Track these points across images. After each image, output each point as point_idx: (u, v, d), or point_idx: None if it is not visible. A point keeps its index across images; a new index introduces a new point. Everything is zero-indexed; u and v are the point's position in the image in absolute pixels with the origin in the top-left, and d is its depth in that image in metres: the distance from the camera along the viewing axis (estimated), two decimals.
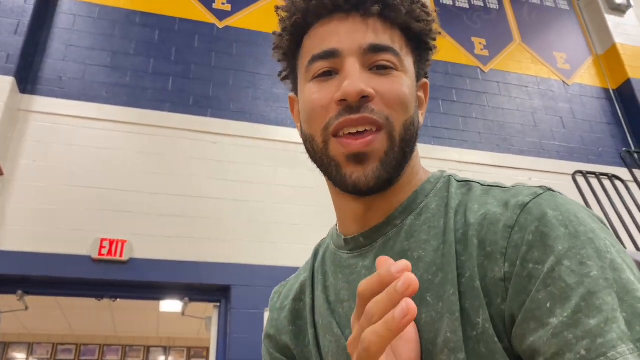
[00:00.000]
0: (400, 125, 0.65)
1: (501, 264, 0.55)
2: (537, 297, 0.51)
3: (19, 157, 3.57)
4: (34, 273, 3.30)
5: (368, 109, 0.63)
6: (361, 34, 0.67)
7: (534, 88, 5.39)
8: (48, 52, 4.01)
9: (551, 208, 0.56)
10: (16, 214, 3.39)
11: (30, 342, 7.58)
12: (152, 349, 7.98)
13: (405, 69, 0.68)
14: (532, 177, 4.69)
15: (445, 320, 0.57)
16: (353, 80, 0.63)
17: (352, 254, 0.71)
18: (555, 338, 0.48)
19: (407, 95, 0.66)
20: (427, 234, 0.64)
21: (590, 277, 0.50)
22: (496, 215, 0.58)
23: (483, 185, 0.67)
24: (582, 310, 0.48)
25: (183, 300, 3.76)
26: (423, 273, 0.61)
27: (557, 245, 0.52)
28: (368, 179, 0.64)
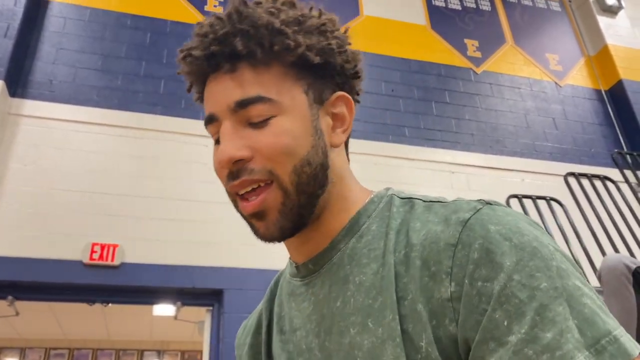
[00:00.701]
0: (288, 175, 0.63)
1: (447, 283, 0.54)
2: (494, 317, 0.51)
3: (9, 161, 3.54)
4: (24, 278, 3.27)
5: (247, 171, 0.63)
6: (228, 91, 0.65)
7: (527, 89, 5.40)
8: (38, 55, 3.99)
9: (492, 223, 0.56)
10: (6, 219, 3.36)
11: (23, 346, 7.52)
12: (146, 353, 7.94)
13: (286, 109, 0.65)
14: (524, 179, 4.70)
15: (387, 346, 0.56)
16: (222, 149, 0.63)
17: (303, 281, 0.71)
18: (517, 356, 0.48)
19: (288, 143, 0.63)
20: (368, 257, 0.63)
21: (541, 290, 0.50)
22: (437, 234, 0.58)
23: (425, 201, 0.66)
24: (538, 324, 0.49)
25: (176, 304, 3.74)
26: (364, 298, 0.61)
27: (504, 261, 0.52)
28: (271, 231, 0.65)
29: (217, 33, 0.64)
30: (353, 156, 3.38)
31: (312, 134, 0.66)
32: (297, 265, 0.72)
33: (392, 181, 4.31)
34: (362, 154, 4.37)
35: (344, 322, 0.62)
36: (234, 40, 0.64)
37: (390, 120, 4.69)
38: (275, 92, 0.65)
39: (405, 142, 4.61)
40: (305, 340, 0.68)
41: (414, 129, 4.71)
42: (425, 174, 4.46)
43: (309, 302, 0.69)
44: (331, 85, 0.71)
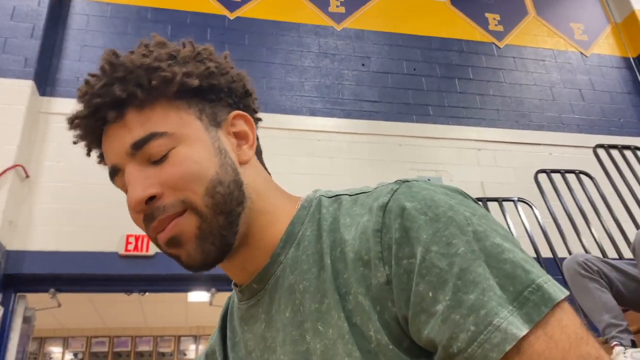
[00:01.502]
0: (201, 198, 0.62)
1: (381, 268, 0.55)
2: (419, 290, 0.52)
3: (42, 159, 3.65)
4: (64, 271, 3.39)
5: (159, 210, 0.62)
6: (121, 138, 0.64)
7: (551, 61, 5.30)
8: (64, 53, 4.07)
9: (408, 200, 0.57)
10: (44, 215, 3.48)
11: (66, 336, 7.80)
12: (183, 339, 8.15)
13: (182, 137, 0.64)
14: (552, 153, 4.64)
15: (338, 345, 0.56)
16: (130, 193, 0.62)
17: (250, 303, 0.70)
18: (445, 323, 0.50)
19: (192, 168, 0.62)
20: (307, 262, 0.63)
21: (459, 255, 0.51)
22: (364, 224, 0.59)
23: (351, 195, 0.66)
24: (460, 289, 0.50)
25: (210, 290, 3.83)
26: (311, 303, 0.61)
27: (421, 235, 0.53)
28: (194, 258, 0.63)
29: (95, 87, 0.64)
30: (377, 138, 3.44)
31: (216, 155, 0.66)
32: (242, 289, 0.71)
33: (418, 161, 4.31)
34: (386, 135, 4.37)
35: (297, 331, 0.62)
36: (112, 88, 0.63)
37: (413, 100, 4.66)
38: (166, 125, 0.64)
39: (430, 121, 4.58)
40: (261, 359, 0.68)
41: (438, 108, 4.68)
42: (451, 152, 4.44)
43: (261, 321, 0.68)
44: (224, 107, 0.71)
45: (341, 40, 4.85)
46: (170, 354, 8.00)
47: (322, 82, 4.56)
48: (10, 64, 3.71)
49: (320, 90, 4.51)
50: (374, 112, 4.50)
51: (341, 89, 4.57)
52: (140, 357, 7.89)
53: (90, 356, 7.78)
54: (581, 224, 3.30)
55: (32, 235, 3.40)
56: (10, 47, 3.79)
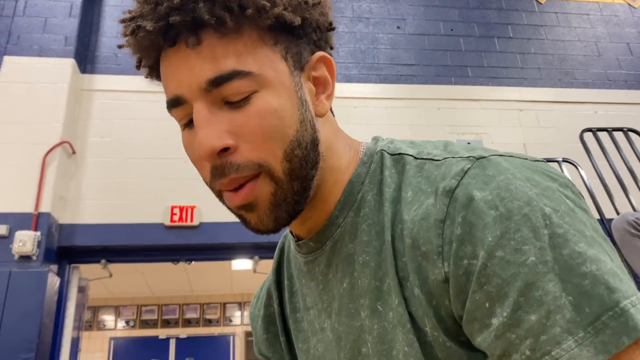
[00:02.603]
0: (279, 162, 0.55)
1: (440, 264, 0.50)
2: (475, 298, 0.47)
3: (87, 135, 3.75)
4: (113, 243, 3.52)
5: (233, 168, 0.54)
6: (196, 69, 0.54)
7: (596, 15, 5.06)
8: (102, 30, 4.14)
9: (479, 187, 0.49)
10: (91, 189, 3.60)
11: (117, 305, 8.14)
12: (228, 305, 8.38)
13: (267, 81, 0.55)
14: (598, 110, 4.47)
15: (398, 332, 0.53)
16: (201, 138, 0.53)
17: (307, 258, 0.66)
18: (499, 340, 0.45)
19: (274, 124, 0.55)
20: (368, 233, 0.58)
21: (527, 266, 0.44)
22: (427, 209, 0.52)
23: (417, 158, 0.58)
24: (522, 306, 0.44)
25: (253, 258, 3.91)
26: (370, 280, 0.57)
27: (486, 236, 0.46)
28: (265, 224, 0.57)
29: (174, 0, 0.53)
30: (415, 102, 3.40)
31: (299, 107, 0.57)
32: (298, 242, 0.67)
33: (458, 124, 4.23)
34: (423, 99, 4.30)
35: (353, 305, 0.59)
36: (196, 6, 0.52)
37: (451, 61, 4.55)
38: (252, 63, 0.55)
39: (469, 83, 4.48)
40: (318, 320, 0.66)
41: (477, 68, 4.56)
42: (492, 114, 4.34)
43: (317, 282, 0.65)
44: (309, 46, 0.61)
45: (375, 3, 4.75)
46: (217, 321, 8.26)
47: (357, 47, 4.50)
48: (52, 44, 3.80)
49: (355, 56, 4.45)
50: (411, 75, 4.42)
51: (376, 54, 4.49)
52: (187, 323, 8.18)
53: (140, 323, 8.11)
54: (630, 184, 3.20)
55: (81, 209, 3.53)
56: (50, 26, 3.87)
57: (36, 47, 3.77)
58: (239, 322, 8.30)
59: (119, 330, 8.03)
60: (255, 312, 0.80)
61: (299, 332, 0.70)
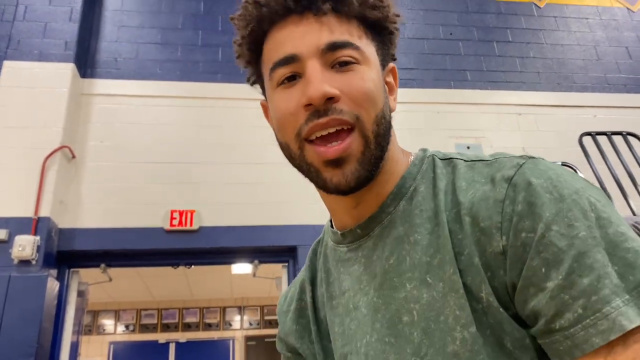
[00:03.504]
0: (371, 122, 0.64)
1: (498, 237, 0.57)
2: (532, 265, 0.53)
3: (87, 140, 3.76)
4: (113, 247, 3.52)
5: (336, 111, 0.63)
6: (317, 33, 0.65)
7: (595, 19, 5.07)
8: (101, 35, 4.15)
9: (535, 176, 0.57)
10: (91, 194, 3.60)
11: (117, 309, 8.12)
12: (228, 309, 8.36)
13: (368, 60, 0.67)
14: (597, 114, 4.48)
15: (449, 299, 0.59)
16: (315, 83, 0.62)
17: (350, 247, 0.73)
18: (553, 300, 0.51)
19: (373, 89, 0.65)
20: (420, 217, 0.65)
21: (579, 238, 0.52)
22: (485, 192, 0.60)
23: (466, 160, 0.67)
24: (575, 271, 0.50)
25: (253, 262, 3.91)
26: (421, 255, 0.63)
27: (544, 212, 0.54)
28: (348, 180, 0.64)
29: None
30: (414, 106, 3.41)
31: (383, 91, 0.68)
32: (343, 232, 0.73)
33: (457, 128, 4.24)
34: (423, 103, 4.30)
35: (399, 278, 0.65)
36: None
37: (450, 65, 4.56)
38: (360, 43, 0.67)
39: (468, 87, 4.48)
40: (353, 300, 0.71)
41: (476, 72, 4.56)
42: (491, 118, 4.34)
43: (359, 264, 0.71)
44: (388, 56, 0.74)
45: None
46: (217, 325, 8.24)
47: None
48: (52, 48, 3.80)
49: None
50: (410, 79, 4.42)
51: None
52: (187, 328, 8.16)
53: (140, 328, 8.09)
54: (629, 188, 3.20)
55: (81, 213, 3.53)
56: (50, 31, 3.87)
57: (36, 51, 3.78)
58: (239, 327, 8.28)
59: (118, 335, 8.01)
60: (284, 308, 0.86)
61: (335, 317, 0.75)
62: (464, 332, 0.57)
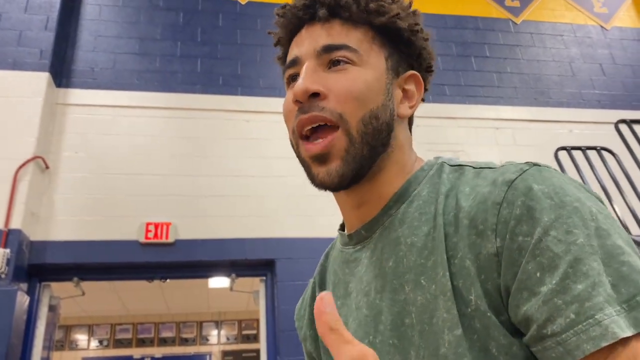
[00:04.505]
0: (356, 121, 0.66)
1: (493, 239, 0.57)
2: (527, 268, 0.53)
3: (61, 150, 3.68)
4: (86, 260, 3.44)
5: (317, 108, 0.66)
6: (317, 37, 0.70)
7: (570, 36, 5.18)
8: (78, 44, 4.09)
9: (537, 182, 0.57)
10: (64, 205, 3.52)
11: (90, 324, 7.95)
12: (205, 324, 8.25)
13: (365, 62, 0.69)
14: (573, 129, 4.56)
15: (439, 301, 0.59)
16: (300, 81, 0.67)
17: (356, 248, 0.74)
18: (546, 305, 0.51)
19: (361, 90, 0.67)
20: (419, 220, 0.66)
21: (577, 245, 0.52)
22: (485, 195, 0.60)
23: (475, 167, 0.67)
24: (570, 276, 0.50)
25: (230, 276, 3.86)
26: (416, 257, 0.64)
27: (543, 217, 0.54)
28: (332, 177, 0.67)
29: None
30: None
31: (384, 94, 0.70)
32: (350, 233, 0.75)
33: (435, 142, 4.26)
34: None
35: (398, 280, 0.65)
36: None
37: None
38: (359, 46, 0.70)
39: (447, 101, 4.52)
40: (356, 300, 0.72)
41: (454, 87, 4.61)
42: (469, 132, 4.38)
43: (362, 265, 0.72)
44: (407, 64, 0.75)
45: None
46: (193, 340, 8.11)
47: None
48: (26, 57, 3.74)
49: None
50: None
51: None
52: (163, 342, 8.02)
53: (115, 343, 7.92)
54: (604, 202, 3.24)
55: (54, 225, 3.45)
56: (25, 39, 3.81)
57: (10, 60, 3.70)
58: (216, 342, 8.17)
59: (92, 350, 7.82)
60: (301, 313, 0.88)
61: (341, 317, 0.72)
62: (449, 334, 0.57)
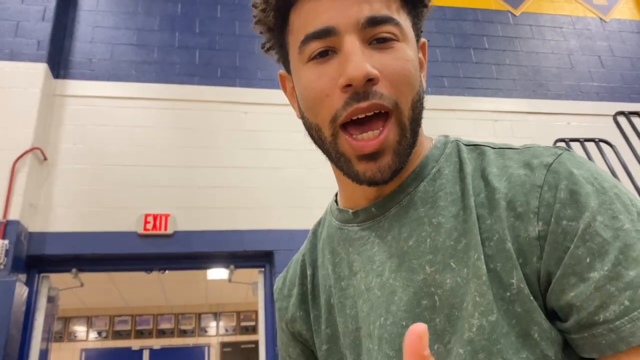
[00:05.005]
0: (408, 108, 0.61)
1: (535, 223, 0.55)
2: (577, 253, 0.52)
3: (59, 142, 3.68)
4: (85, 251, 3.44)
5: (377, 95, 0.58)
6: (356, 6, 0.60)
7: (569, 28, 5.17)
8: (75, 35, 4.07)
9: (575, 167, 0.56)
10: (63, 197, 3.52)
11: (89, 315, 7.97)
12: (203, 316, 8.28)
13: (407, 37, 0.62)
14: (571, 122, 4.56)
15: (471, 285, 0.56)
16: (356, 63, 0.57)
17: (363, 226, 0.69)
18: (598, 291, 0.50)
19: (411, 70, 0.61)
20: (445, 200, 0.63)
21: (624, 230, 0.51)
22: (521, 177, 0.58)
23: (494, 147, 0.65)
24: (621, 262, 0.49)
25: (228, 267, 3.86)
26: (445, 239, 0.60)
27: (589, 202, 0.53)
28: (384, 174, 0.61)
29: None
30: None
31: (419, 70, 0.65)
32: (356, 210, 0.70)
33: (434, 134, 4.25)
34: None
35: (418, 260, 0.61)
36: None
37: (427, 71, 4.58)
38: (400, 19, 0.62)
39: (445, 93, 4.52)
40: (365, 281, 0.67)
41: (453, 79, 4.61)
42: (467, 124, 4.38)
43: (372, 245, 0.67)
44: (419, 31, 0.69)
45: None
46: (192, 331, 8.14)
47: None
48: (24, 48, 3.72)
49: None
50: None
51: None
52: (162, 334, 8.05)
53: (113, 334, 7.95)
54: None
55: (52, 216, 3.45)
56: (22, 30, 3.79)
57: (7, 51, 3.69)
58: (214, 333, 8.20)
59: (90, 342, 7.85)
60: (285, 292, 0.81)
61: (346, 299, 0.71)
62: (482, 319, 0.55)
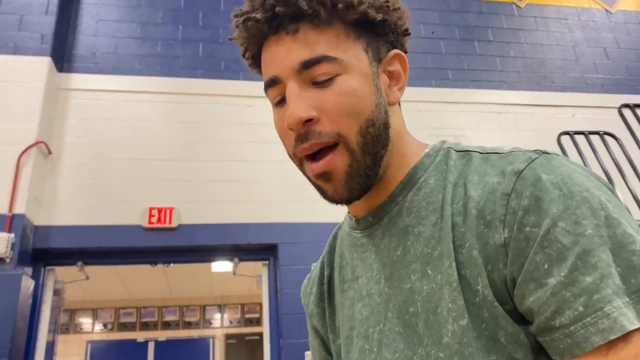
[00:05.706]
0: (355, 135, 0.64)
1: (500, 230, 0.56)
2: (535, 259, 0.53)
3: (63, 135, 3.69)
4: (90, 245, 3.46)
5: (315, 134, 0.64)
6: (292, 53, 0.64)
7: (574, 20, 5.14)
8: (79, 28, 4.07)
9: (545, 172, 0.57)
10: (68, 190, 3.54)
11: (94, 307, 8.02)
12: (208, 308, 8.32)
13: (349, 67, 0.65)
14: (575, 114, 4.54)
15: (445, 291, 0.59)
16: (291, 110, 0.63)
17: (364, 233, 0.74)
18: (554, 297, 0.51)
19: (353, 102, 0.64)
20: (426, 209, 0.66)
21: (585, 236, 0.51)
22: (494, 185, 0.59)
23: (482, 153, 0.66)
24: (579, 268, 0.50)
25: (233, 260, 3.87)
26: (423, 247, 0.63)
27: (551, 208, 0.54)
28: (340, 194, 0.66)
29: None
30: None
31: (375, 93, 0.67)
32: (358, 218, 0.75)
33: (438, 127, 4.25)
34: (404, 101, 4.28)
35: (405, 270, 0.65)
36: (297, 0, 0.63)
37: (431, 64, 4.57)
38: (338, 51, 0.65)
39: (449, 85, 4.51)
40: (367, 287, 0.72)
41: (457, 71, 4.59)
42: (471, 116, 4.37)
43: (371, 252, 0.72)
44: (386, 44, 0.71)
45: None
46: (196, 323, 8.19)
47: None
48: (27, 41, 3.72)
49: None
50: None
51: None
52: (166, 326, 8.10)
53: (119, 326, 8.01)
54: None
55: (57, 210, 3.47)
56: (26, 24, 3.79)
57: (11, 44, 3.69)
58: (219, 325, 8.24)
59: (96, 334, 7.91)
60: (307, 290, 0.88)
61: (345, 299, 0.76)
62: (454, 324, 0.57)
